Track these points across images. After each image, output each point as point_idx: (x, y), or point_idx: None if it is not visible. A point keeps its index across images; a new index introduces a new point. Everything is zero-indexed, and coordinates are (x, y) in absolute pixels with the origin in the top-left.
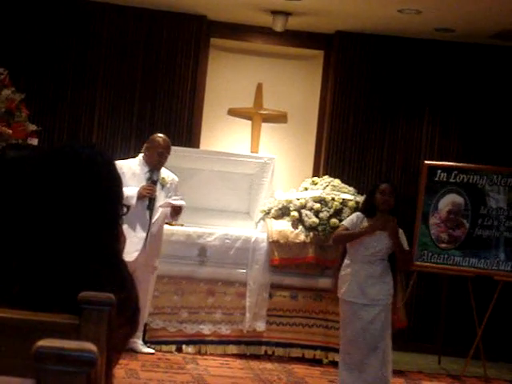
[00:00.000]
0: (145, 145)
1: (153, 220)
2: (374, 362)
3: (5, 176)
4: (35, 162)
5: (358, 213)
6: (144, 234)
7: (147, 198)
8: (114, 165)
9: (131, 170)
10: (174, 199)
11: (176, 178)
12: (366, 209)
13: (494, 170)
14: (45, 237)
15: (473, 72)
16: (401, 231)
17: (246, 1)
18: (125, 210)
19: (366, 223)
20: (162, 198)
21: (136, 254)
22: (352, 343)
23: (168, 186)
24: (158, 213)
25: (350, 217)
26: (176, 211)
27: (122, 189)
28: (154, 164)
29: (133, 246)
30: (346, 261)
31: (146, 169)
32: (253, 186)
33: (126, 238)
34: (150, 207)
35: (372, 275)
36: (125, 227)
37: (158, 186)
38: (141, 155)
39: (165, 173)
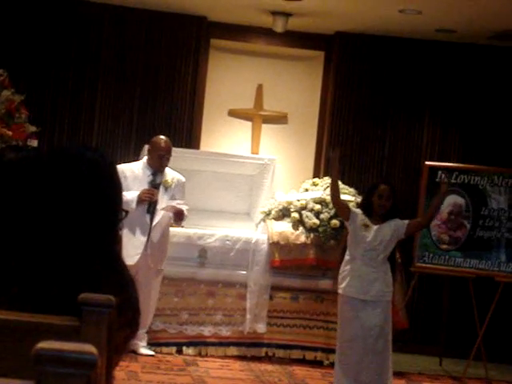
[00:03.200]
0: (147, 147)
1: (153, 223)
2: (371, 364)
3: (3, 177)
4: (35, 164)
5: (358, 210)
6: (145, 238)
7: (147, 202)
8: (115, 168)
9: (134, 174)
10: (178, 203)
11: (182, 179)
12: (363, 207)
13: (495, 171)
14: (44, 238)
15: (473, 73)
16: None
17: (246, 2)
18: (124, 214)
19: (363, 219)
20: (164, 201)
21: (137, 257)
22: (350, 344)
23: (172, 187)
24: (160, 216)
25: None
26: (179, 216)
27: (122, 192)
28: (157, 167)
29: (134, 249)
30: (347, 257)
31: (149, 172)
32: (253, 187)
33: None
34: (150, 211)
35: (372, 271)
36: (125, 231)
37: (161, 189)
38: (145, 158)
39: (169, 174)
